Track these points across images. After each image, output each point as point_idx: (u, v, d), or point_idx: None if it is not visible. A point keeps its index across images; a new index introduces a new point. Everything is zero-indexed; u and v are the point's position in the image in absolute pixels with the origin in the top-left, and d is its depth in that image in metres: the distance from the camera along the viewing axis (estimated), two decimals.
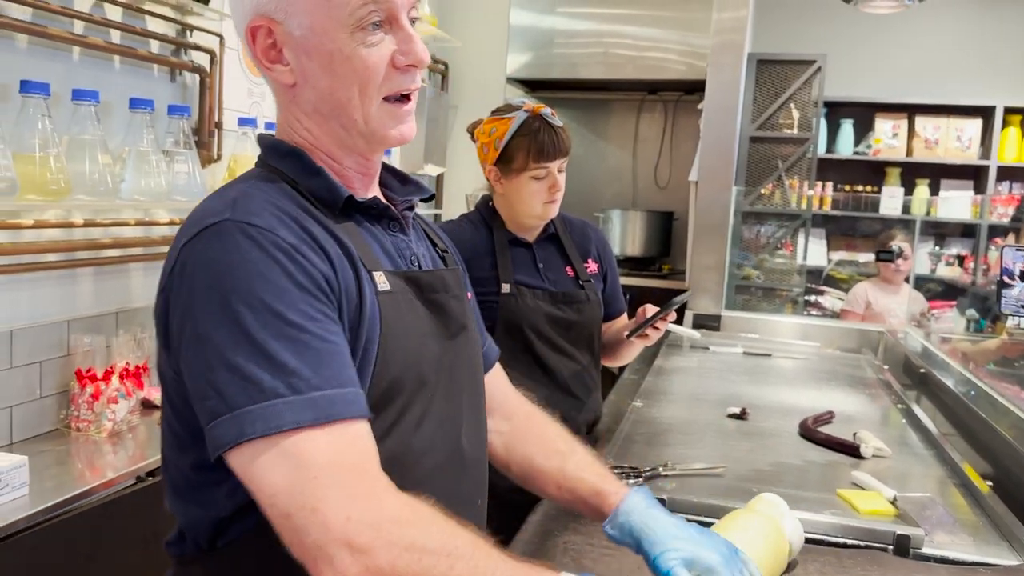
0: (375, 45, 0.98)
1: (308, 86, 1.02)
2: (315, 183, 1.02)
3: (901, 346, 3.33)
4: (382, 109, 1.02)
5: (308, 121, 1.05)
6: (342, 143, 1.05)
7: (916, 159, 5.36)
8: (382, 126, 1.02)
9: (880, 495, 1.66)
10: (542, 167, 1.93)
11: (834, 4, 4.05)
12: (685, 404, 2.42)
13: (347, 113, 1.01)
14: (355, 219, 1.05)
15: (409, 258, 1.10)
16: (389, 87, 1.01)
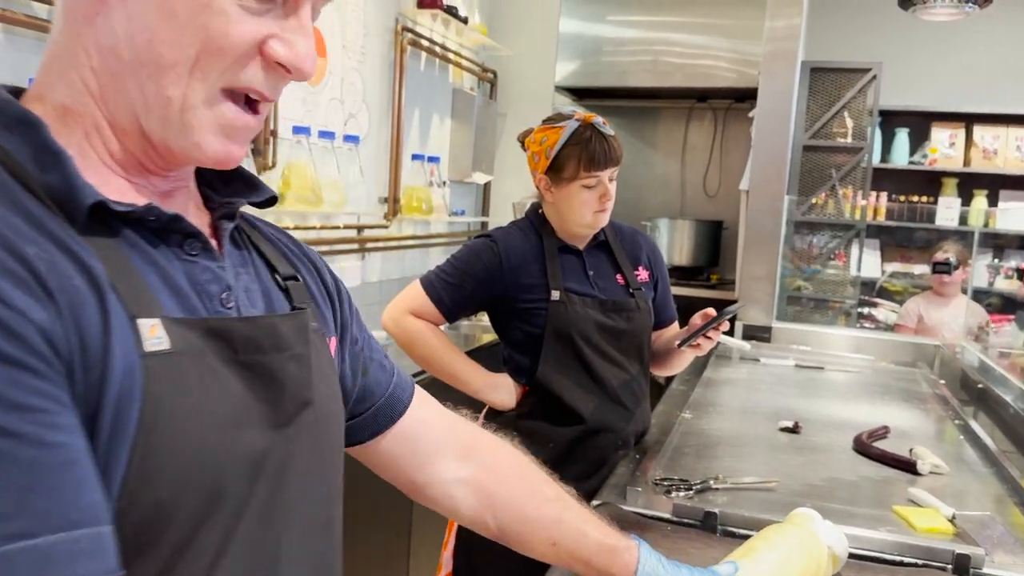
0: (252, 14, 0.68)
1: (121, 13, 0.67)
2: (51, 177, 0.65)
3: (957, 360, 3.27)
4: (214, 105, 0.70)
5: (94, 64, 0.69)
6: (132, 117, 0.70)
7: (974, 169, 5.24)
8: (201, 128, 0.70)
9: (938, 513, 1.62)
10: (593, 176, 1.93)
11: (889, 12, 3.99)
12: (735, 416, 2.38)
13: (160, 80, 0.67)
14: (120, 234, 0.68)
15: (217, 296, 0.74)
16: (239, 78, 0.69)
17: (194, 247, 0.73)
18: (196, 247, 0.73)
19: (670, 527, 1.54)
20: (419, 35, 3.58)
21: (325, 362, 0.84)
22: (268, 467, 0.72)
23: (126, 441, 0.61)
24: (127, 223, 0.69)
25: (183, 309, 0.70)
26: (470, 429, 1.09)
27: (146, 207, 0.69)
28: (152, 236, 0.71)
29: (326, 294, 0.93)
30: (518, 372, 2.02)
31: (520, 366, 2.01)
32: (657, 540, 1.47)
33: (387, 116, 3.39)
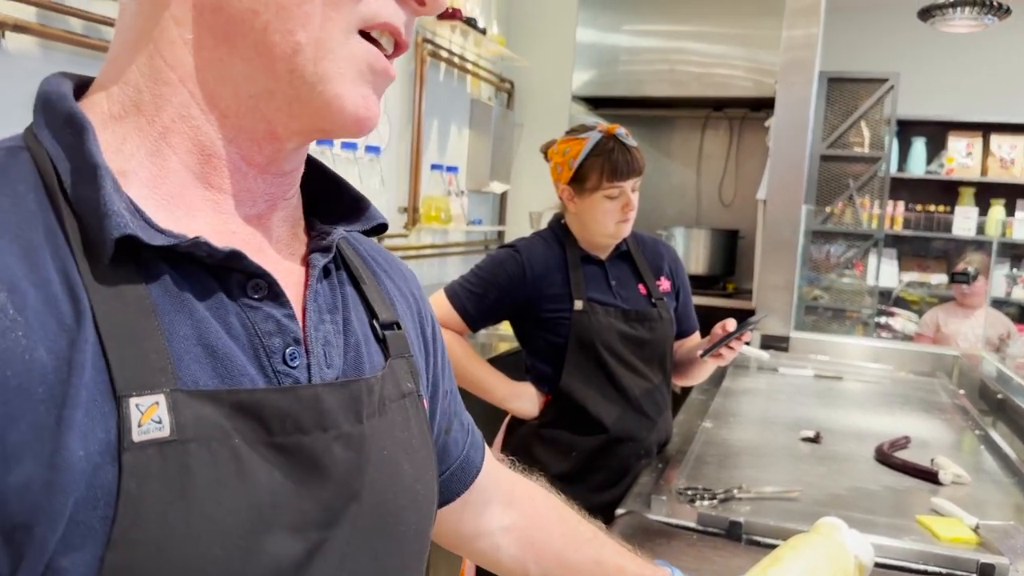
0: None
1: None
2: (83, 192, 0.53)
3: (977, 370, 3.26)
4: (351, 46, 0.57)
5: (186, 36, 0.57)
6: (239, 91, 0.57)
7: (991, 179, 5.25)
8: (341, 77, 0.57)
9: (961, 522, 1.63)
10: (615, 186, 1.94)
11: (906, 22, 4.00)
12: (756, 426, 2.39)
13: (287, 22, 0.55)
14: (154, 273, 0.54)
15: (280, 351, 0.59)
16: (376, 12, 0.58)
17: (259, 288, 0.59)
18: (262, 288, 0.59)
19: (695, 536, 1.56)
20: (439, 46, 3.62)
21: (408, 437, 0.69)
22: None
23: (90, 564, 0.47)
24: (169, 259, 0.55)
25: (216, 374, 0.55)
26: (508, 474, 1.00)
27: (193, 241, 0.54)
28: (205, 274, 0.57)
29: (423, 340, 0.79)
30: (541, 381, 2.04)
31: (543, 375, 2.03)
32: (683, 549, 1.49)
33: (407, 127, 3.42)
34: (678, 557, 1.44)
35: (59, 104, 0.56)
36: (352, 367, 0.65)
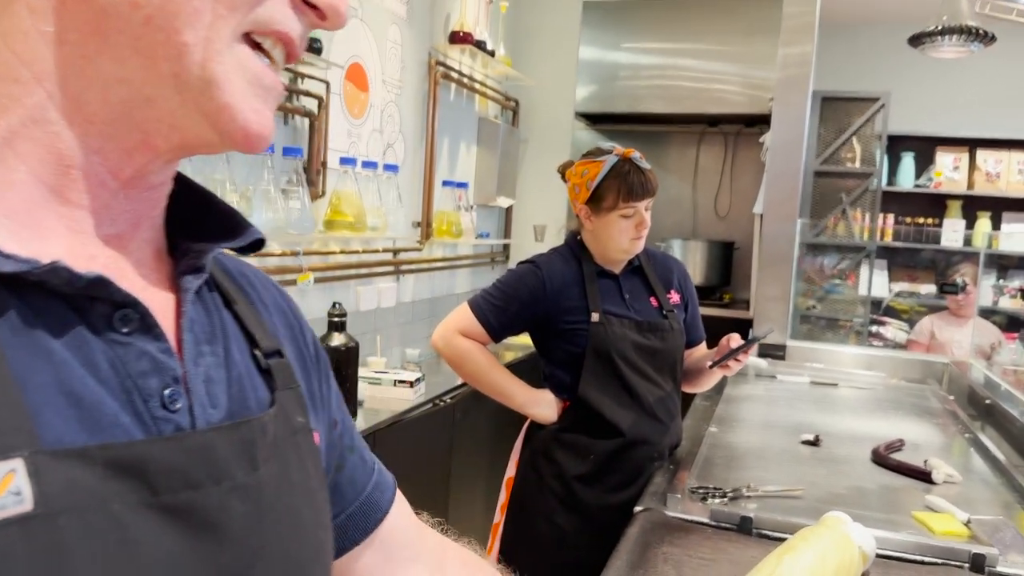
0: None
1: None
2: None
3: (965, 377, 3.40)
4: (241, 54, 0.51)
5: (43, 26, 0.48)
6: (108, 93, 0.49)
7: (977, 192, 5.40)
8: (229, 82, 0.50)
9: (954, 517, 1.76)
10: (631, 206, 2.08)
11: (895, 43, 4.15)
12: (758, 430, 2.52)
13: (173, 21, 0.48)
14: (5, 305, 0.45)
15: (157, 394, 0.51)
16: (267, 16, 0.51)
17: (128, 321, 0.50)
18: (132, 321, 0.51)
19: (710, 530, 1.68)
20: (450, 68, 3.75)
21: (305, 478, 0.62)
22: None
23: None
24: (17, 289, 0.46)
25: (84, 428, 0.46)
26: (438, 539, 0.87)
27: (50, 267, 0.46)
28: (62, 307, 0.48)
29: (304, 364, 0.70)
30: (559, 388, 2.16)
31: (561, 382, 2.15)
32: (700, 542, 1.62)
33: (421, 145, 3.56)
34: (696, 549, 1.57)
35: None
36: (238, 405, 0.57)
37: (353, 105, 2.93)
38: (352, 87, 2.90)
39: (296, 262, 2.57)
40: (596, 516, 2.10)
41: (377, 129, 3.14)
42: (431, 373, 3.08)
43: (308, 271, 2.60)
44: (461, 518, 3.22)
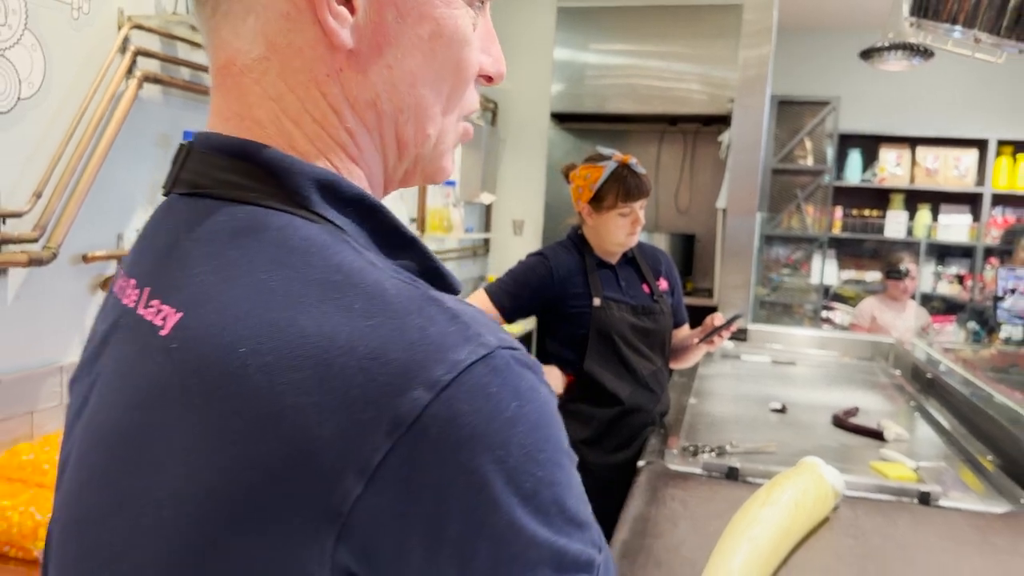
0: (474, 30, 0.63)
1: (380, 64, 0.59)
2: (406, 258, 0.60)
3: (910, 355, 3.76)
4: (459, 129, 0.67)
5: (355, 119, 0.61)
6: (382, 167, 0.65)
7: (918, 186, 5.74)
8: (447, 152, 0.67)
9: (904, 466, 2.10)
10: (628, 206, 2.37)
11: (845, 49, 4.49)
12: (732, 401, 2.85)
13: (421, 121, 0.62)
14: None
15: None
16: (469, 103, 0.67)
17: None
18: None
19: (703, 478, 1.99)
20: None
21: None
22: None
23: None
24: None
25: None
26: None
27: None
28: None
29: None
30: (564, 364, 2.46)
31: (566, 359, 2.45)
32: (696, 487, 1.93)
33: None
34: (695, 491, 1.88)
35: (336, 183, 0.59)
36: None
37: None
38: None
39: None
40: (599, 475, 2.40)
41: None
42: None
43: None
44: None
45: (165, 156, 2.21)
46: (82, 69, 1.93)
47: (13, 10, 1.73)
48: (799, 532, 1.59)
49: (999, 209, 5.73)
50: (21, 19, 1.76)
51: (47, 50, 1.83)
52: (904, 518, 1.77)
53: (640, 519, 1.69)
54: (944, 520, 1.77)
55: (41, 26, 1.81)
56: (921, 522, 1.75)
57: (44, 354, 1.89)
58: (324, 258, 0.52)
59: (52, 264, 1.83)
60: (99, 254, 2.00)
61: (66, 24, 1.88)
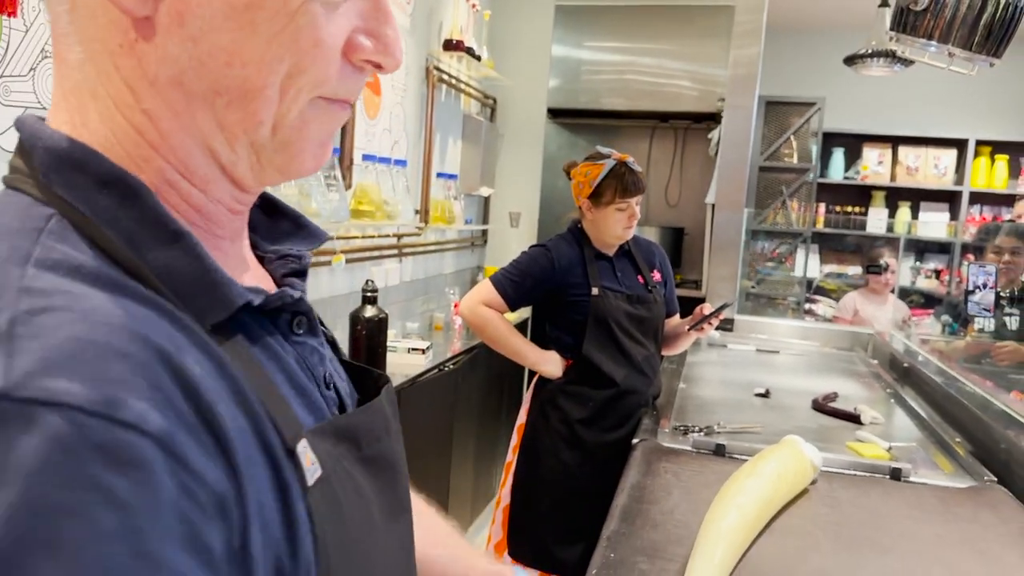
0: (332, 8, 0.54)
1: (181, 35, 0.51)
2: (168, 260, 0.52)
3: (888, 346, 3.94)
4: (311, 109, 0.56)
5: (154, 99, 0.53)
6: (208, 155, 0.56)
7: (899, 184, 5.89)
8: (299, 142, 0.57)
9: (878, 446, 2.28)
10: (625, 202, 2.54)
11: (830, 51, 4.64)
12: (718, 386, 3.02)
13: (248, 105, 0.53)
14: (238, 324, 0.56)
15: (323, 378, 0.64)
16: (331, 87, 0.57)
17: (301, 324, 0.63)
18: (303, 324, 0.63)
19: (694, 454, 2.16)
20: (443, 71, 4.17)
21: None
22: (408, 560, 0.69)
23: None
24: (249, 312, 0.57)
25: (309, 409, 0.60)
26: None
27: (279, 295, 0.60)
28: (266, 320, 0.59)
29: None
30: (564, 349, 2.62)
31: (566, 344, 2.61)
32: (687, 462, 2.09)
33: (420, 141, 3.98)
34: (686, 465, 2.05)
35: (87, 159, 0.52)
36: (341, 374, 0.71)
37: (370, 107, 3.35)
38: (369, 92, 3.32)
39: (331, 246, 2.99)
40: (594, 452, 2.57)
41: (387, 128, 3.56)
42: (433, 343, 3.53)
43: (341, 253, 3.01)
44: (461, 461, 3.70)
45: None
46: None
47: None
48: (780, 501, 1.76)
49: (976, 207, 5.88)
50: None
51: None
52: (876, 491, 1.94)
53: (637, 487, 1.86)
54: (912, 493, 1.95)
55: None
56: (891, 495, 1.93)
57: None
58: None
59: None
60: None
61: None
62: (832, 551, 1.58)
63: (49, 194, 0.52)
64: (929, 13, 2.10)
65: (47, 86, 1.87)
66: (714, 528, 1.52)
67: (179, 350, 0.47)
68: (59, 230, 0.50)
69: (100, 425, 0.41)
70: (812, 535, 1.66)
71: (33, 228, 0.50)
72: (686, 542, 1.55)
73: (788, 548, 1.59)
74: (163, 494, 0.42)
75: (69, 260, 0.48)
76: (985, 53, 2.11)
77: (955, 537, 1.69)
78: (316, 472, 0.54)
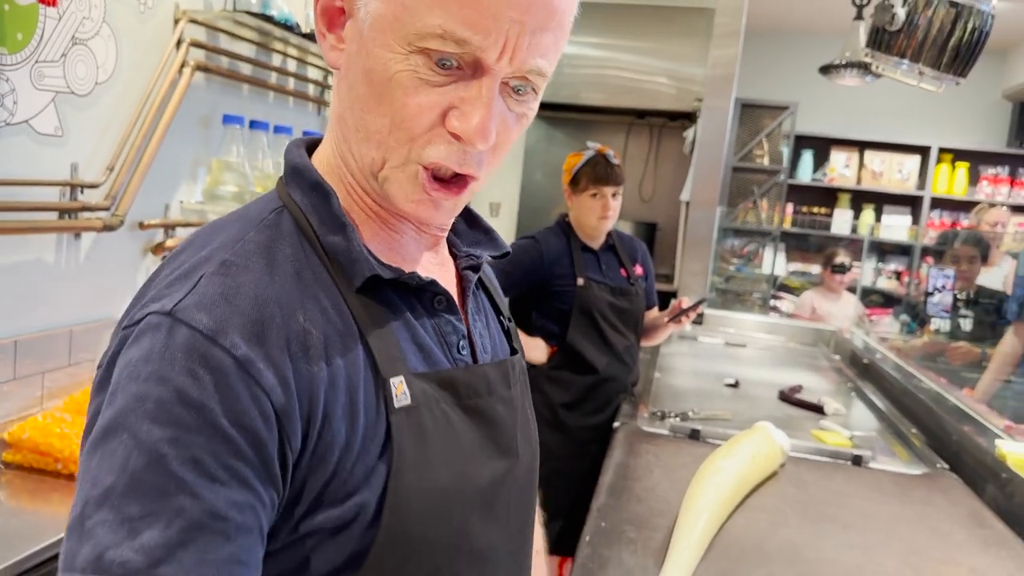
0: (430, 85, 0.68)
1: (346, 82, 0.75)
2: (335, 242, 0.75)
3: (849, 343, 4.13)
4: (409, 171, 0.73)
5: (335, 128, 0.79)
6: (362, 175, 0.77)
7: (864, 187, 6.08)
8: (395, 189, 0.74)
9: (841, 434, 2.45)
10: (598, 189, 2.66)
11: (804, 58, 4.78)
12: (691, 376, 3.18)
13: (366, 143, 0.73)
14: (383, 294, 0.76)
15: (455, 345, 0.82)
16: (425, 152, 0.71)
17: (441, 302, 0.81)
18: (443, 302, 0.81)
19: (671, 437, 2.31)
20: None
21: (529, 403, 0.95)
22: (497, 493, 0.81)
23: (377, 487, 0.69)
24: (392, 285, 0.77)
25: (425, 362, 0.77)
26: None
27: (410, 275, 0.77)
28: (410, 294, 0.79)
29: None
30: (549, 336, 2.75)
31: (551, 332, 2.74)
32: (664, 445, 2.24)
33: None
34: (665, 447, 2.20)
35: (307, 172, 0.78)
36: (498, 351, 0.90)
37: None
38: None
39: None
40: (576, 435, 2.71)
41: None
42: None
43: None
44: None
45: (205, 136, 2.46)
46: (144, 57, 2.17)
47: (95, 5, 1.98)
48: (753, 481, 1.92)
49: (937, 212, 6.09)
50: (101, 13, 2.00)
51: (119, 40, 2.08)
52: (839, 475, 2.11)
53: (622, 466, 2.01)
54: (872, 477, 2.11)
55: (115, 19, 2.06)
56: (853, 478, 2.09)
57: (106, 309, 2.15)
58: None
59: (118, 230, 2.08)
60: (152, 222, 2.26)
61: (134, 17, 2.12)
62: (799, 526, 1.74)
63: (284, 192, 0.79)
64: (903, 34, 2.26)
65: (77, 72, 1.97)
66: (695, 503, 1.67)
67: (293, 308, 0.69)
68: (274, 221, 0.75)
69: (207, 342, 0.63)
70: (781, 512, 1.81)
71: (258, 218, 0.75)
72: (668, 515, 1.70)
73: (760, 523, 1.74)
74: (230, 398, 0.62)
75: (261, 244, 0.72)
76: (952, 73, 2.27)
77: (910, 517, 1.85)
78: (405, 400, 0.73)
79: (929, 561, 1.61)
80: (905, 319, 4.05)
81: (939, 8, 2.18)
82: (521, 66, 0.70)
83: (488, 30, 0.66)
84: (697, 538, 1.55)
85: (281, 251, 0.72)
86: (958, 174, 5.99)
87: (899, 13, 2.26)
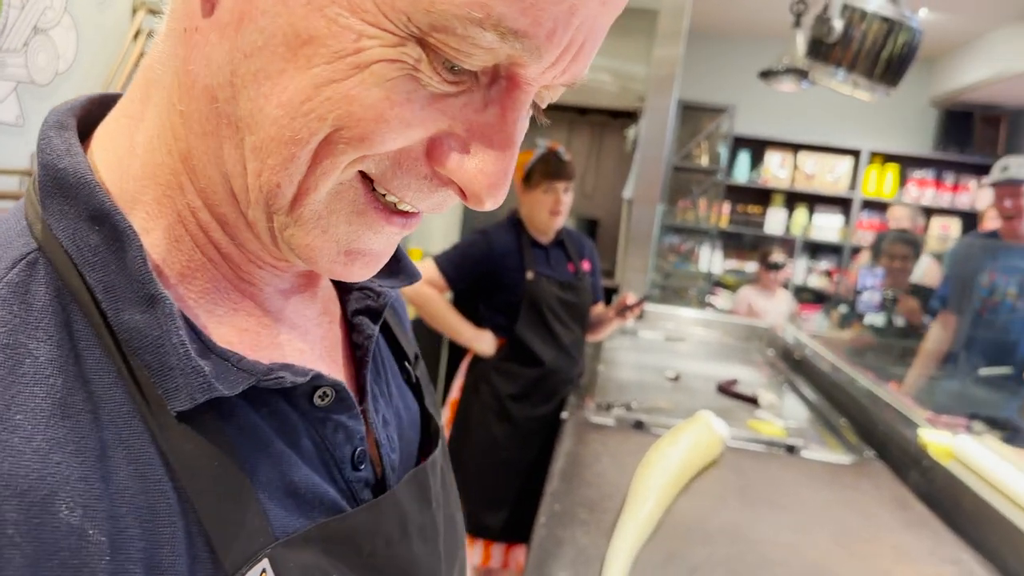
0: (428, 95, 0.43)
1: (234, 43, 0.43)
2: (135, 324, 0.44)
3: (781, 339, 4.28)
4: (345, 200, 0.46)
5: (189, 103, 0.45)
6: (227, 189, 0.47)
7: (797, 188, 6.28)
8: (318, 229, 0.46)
9: (775, 425, 2.58)
10: (550, 185, 2.74)
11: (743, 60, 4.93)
12: (633, 370, 3.28)
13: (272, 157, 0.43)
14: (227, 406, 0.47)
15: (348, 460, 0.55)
16: (386, 176, 0.45)
17: (325, 396, 0.53)
18: (328, 396, 0.53)
19: (616, 428, 2.40)
20: None
21: (451, 480, 0.69)
22: None
23: None
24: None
25: (300, 509, 0.50)
26: None
27: (276, 377, 0.48)
28: (272, 393, 0.50)
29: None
30: (497, 328, 2.82)
31: (499, 324, 2.81)
32: (611, 435, 2.33)
33: None
34: (611, 437, 2.29)
35: (81, 188, 0.45)
36: (411, 439, 0.64)
37: None
38: None
39: None
40: (522, 425, 2.79)
41: None
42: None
43: None
44: None
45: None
46: (103, 48, 2.19)
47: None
48: (695, 467, 2.02)
49: (866, 213, 6.32)
50: (63, 2, 2.01)
51: (79, 30, 2.10)
52: (775, 463, 2.22)
53: (572, 454, 2.10)
54: (805, 465, 2.24)
55: (76, 8, 2.08)
56: (788, 466, 2.21)
57: None
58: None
59: None
60: None
61: (93, 7, 2.14)
62: (739, 509, 1.85)
63: (39, 221, 0.46)
64: (839, 45, 2.39)
65: (38, 61, 1.98)
66: (642, 486, 1.77)
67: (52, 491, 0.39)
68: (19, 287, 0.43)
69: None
70: (722, 496, 1.92)
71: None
72: (617, 498, 1.80)
73: (703, 506, 1.85)
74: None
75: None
76: (884, 83, 2.41)
77: (840, 500, 1.98)
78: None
79: (857, 540, 1.73)
80: (842, 310, 4.22)
81: (873, 23, 2.32)
82: (571, 78, 0.47)
83: (554, 25, 0.41)
84: (644, 518, 1.65)
85: (30, 357, 0.41)
86: (887, 177, 6.22)
87: (836, 26, 2.38)
